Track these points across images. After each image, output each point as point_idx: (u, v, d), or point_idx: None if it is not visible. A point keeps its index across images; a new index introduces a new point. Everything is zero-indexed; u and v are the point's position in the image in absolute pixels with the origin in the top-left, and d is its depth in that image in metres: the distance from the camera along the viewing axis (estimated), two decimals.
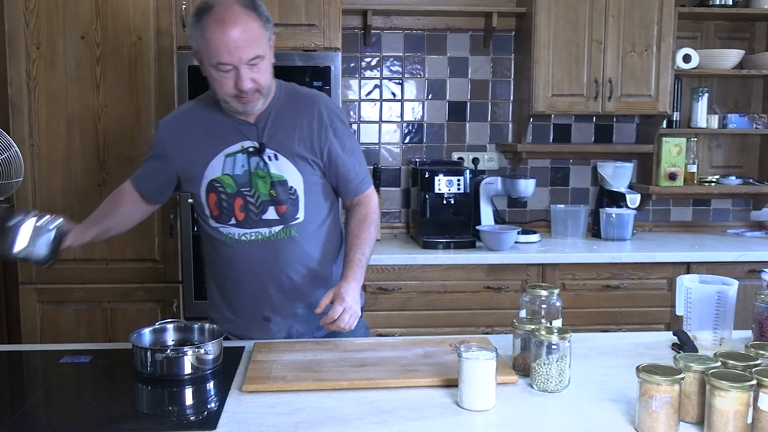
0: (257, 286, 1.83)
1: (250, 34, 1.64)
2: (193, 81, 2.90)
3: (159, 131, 1.88)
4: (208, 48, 1.64)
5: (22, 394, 1.54)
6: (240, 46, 1.62)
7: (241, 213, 1.79)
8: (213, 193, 1.79)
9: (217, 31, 1.62)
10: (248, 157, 1.78)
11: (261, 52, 1.66)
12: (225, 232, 1.81)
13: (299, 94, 1.86)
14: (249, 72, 1.66)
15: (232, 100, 1.71)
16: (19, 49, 2.82)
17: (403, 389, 1.48)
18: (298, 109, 1.81)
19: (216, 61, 1.64)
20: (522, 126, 3.49)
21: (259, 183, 1.77)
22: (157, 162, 1.87)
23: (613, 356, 1.72)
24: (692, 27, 3.63)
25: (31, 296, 2.93)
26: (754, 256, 3.19)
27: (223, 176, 1.78)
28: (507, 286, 3.10)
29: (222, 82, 1.68)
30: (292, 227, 1.81)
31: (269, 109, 1.79)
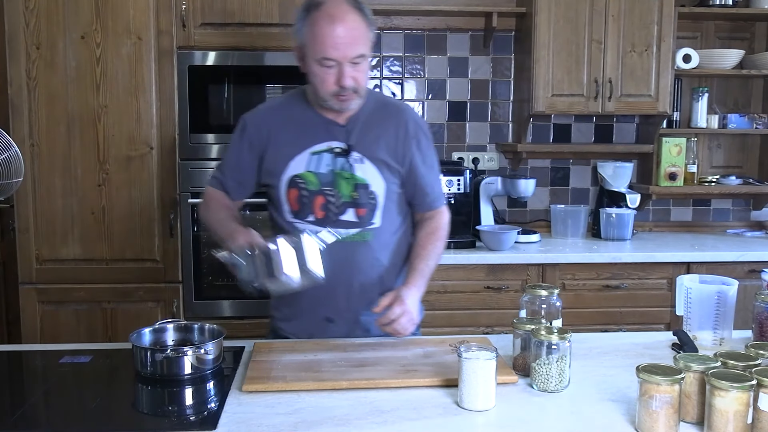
0: (325, 286, 1.79)
1: (357, 32, 1.67)
2: (193, 81, 2.90)
3: (248, 124, 1.86)
4: (315, 42, 1.66)
5: (22, 394, 1.54)
6: (347, 43, 1.65)
7: (321, 211, 1.80)
8: (294, 189, 1.80)
9: (326, 26, 1.65)
10: (334, 158, 1.80)
11: (365, 51, 1.69)
12: (301, 228, 1.80)
13: (388, 102, 1.92)
14: (351, 70, 1.68)
15: (331, 97, 1.72)
16: (19, 49, 2.82)
17: (403, 389, 1.48)
18: (386, 117, 1.85)
19: (321, 56, 1.66)
20: (522, 126, 3.49)
21: (343, 184, 1.79)
22: (241, 157, 1.86)
23: (613, 356, 1.72)
24: (692, 27, 3.63)
25: (31, 296, 2.94)
26: (754, 256, 3.19)
27: (306, 173, 1.80)
28: (507, 286, 3.10)
29: (324, 77, 1.69)
30: (367, 232, 1.82)
31: (359, 114, 1.82)
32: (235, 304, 3.02)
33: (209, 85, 2.93)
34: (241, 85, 2.95)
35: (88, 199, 2.92)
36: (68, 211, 2.92)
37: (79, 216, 2.92)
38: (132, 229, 2.95)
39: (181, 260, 2.98)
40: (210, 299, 3.02)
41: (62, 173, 2.90)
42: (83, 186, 2.91)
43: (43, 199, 2.90)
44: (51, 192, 2.90)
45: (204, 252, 2.99)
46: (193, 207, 2.95)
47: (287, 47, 2.94)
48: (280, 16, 2.94)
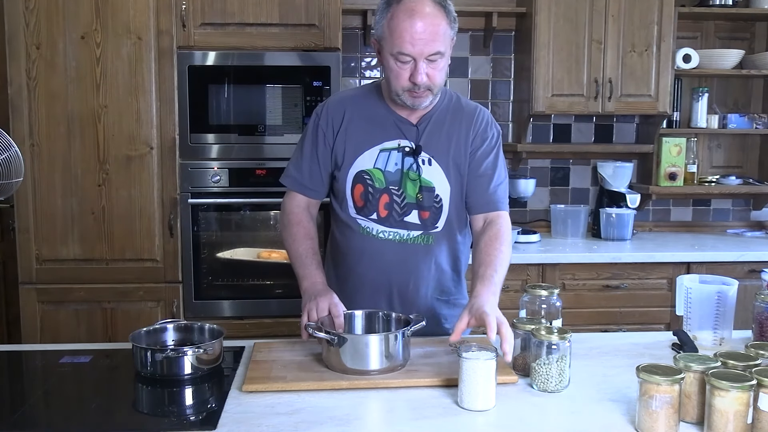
0: (381, 285, 1.80)
1: (436, 29, 1.63)
2: (193, 81, 2.90)
3: (321, 116, 1.82)
4: (393, 36, 1.64)
5: (22, 394, 1.54)
6: (424, 39, 1.62)
7: (385, 210, 1.78)
8: (360, 184, 1.78)
9: (405, 20, 1.62)
10: (403, 156, 1.77)
11: (442, 49, 1.66)
12: (364, 224, 1.80)
13: (464, 104, 1.87)
14: (426, 67, 1.65)
15: (404, 93, 1.70)
16: (19, 49, 2.82)
17: (403, 389, 1.48)
18: (459, 119, 1.82)
19: (397, 50, 1.64)
20: (522, 126, 3.49)
21: (409, 184, 1.77)
22: (319, 149, 1.82)
23: (613, 356, 1.72)
24: (692, 27, 3.63)
25: (31, 296, 2.93)
26: (754, 256, 3.19)
27: (374, 169, 1.78)
28: (507, 286, 3.07)
29: (398, 72, 1.67)
30: (430, 235, 1.80)
31: (431, 113, 1.79)
32: (235, 304, 3.02)
33: (209, 85, 2.93)
34: (241, 85, 2.95)
35: (88, 199, 2.92)
36: (68, 211, 2.92)
37: (79, 216, 2.92)
38: (132, 229, 2.94)
39: (181, 260, 2.98)
40: (210, 299, 3.02)
41: (62, 173, 2.90)
42: (83, 186, 2.91)
43: (43, 199, 2.90)
44: (51, 192, 2.90)
45: (204, 252, 2.99)
46: (193, 207, 2.96)
47: (287, 47, 2.95)
48: (280, 16, 2.94)
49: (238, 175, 2.96)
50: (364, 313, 1.73)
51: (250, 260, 3.03)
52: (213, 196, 2.98)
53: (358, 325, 1.72)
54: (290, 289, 3.01)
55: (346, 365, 1.52)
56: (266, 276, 3.05)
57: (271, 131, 2.95)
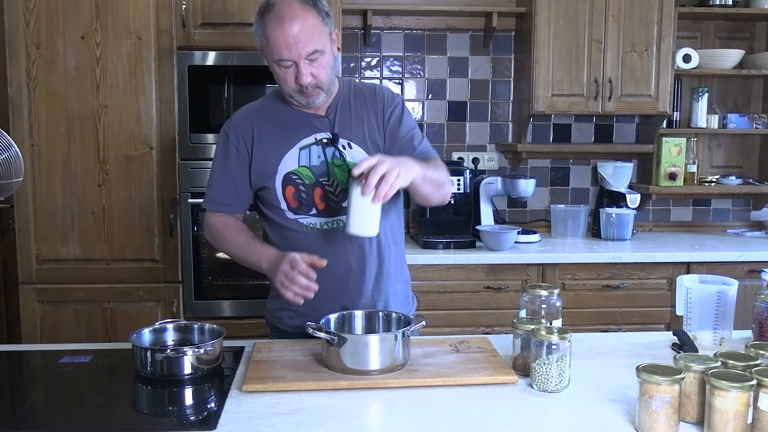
0: (339, 275, 1.82)
1: (309, 29, 1.67)
2: (193, 81, 2.90)
3: (230, 133, 1.85)
4: (269, 45, 1.69)
5: (22, 394, 1.54)
6: (299, 42, 1.66)
7: (322, 202, 1.81)
8: (290, 186, 1.81)
9: (276, 28, 1.67)
10: (323, 148, 1.81)
11: (320, 47, 1.69)
12: (306, 222, 1.82)
13: (362, 85, 1.93)
14: (308, 67, 1.70)
15: (296, 94, 1.75)
16: (19, 49, 2.82)
17: (404, 389, 1.48)
18: (362, 99, 1.87)
19: (277, 57, 1.69)
20: (522, 126, 3.49)
21: (338, 172, 1.80)
22: (231, 167, 1.84)
23: (613, 356, 1.72)
24: (692, 27, 3.63)
25: (31, 296, 2.94)
26: (754, 256, 3.19)
27: (300, 168, 1.80)
28: (507, 286, 3.10)
29: (284, 77, 1.73)
30: None
31: (336, 101, 1.84)
32: (235, 304, 3.02)
33: (209, 85, 2.93)
34: (241, 85, 2.95)
35: (88, 199, 2.92)
36: (68, 211, 2.92)
37: (79, 216, 2.92)
38: (132, 229, 2.95)
39: (181, 260, 2.98)
40: (210, 299, 3.02)
41: (62, 173, 2.90)
42: (83, 186, 2.91)
43: (43, 199, 2.90)
44: (51, 192, 2.90)
45: (204, 252, 2.99)
46: (193, 207, 2.96)
47: None
48: None
49: None
50: (364, 313, 1.73)
51: None
52: None
53: (358, 325, 1.72)
54: None
55: (346, 365, 1.52)
56: (266, 276, 3.03)
57: None
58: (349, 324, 1.71)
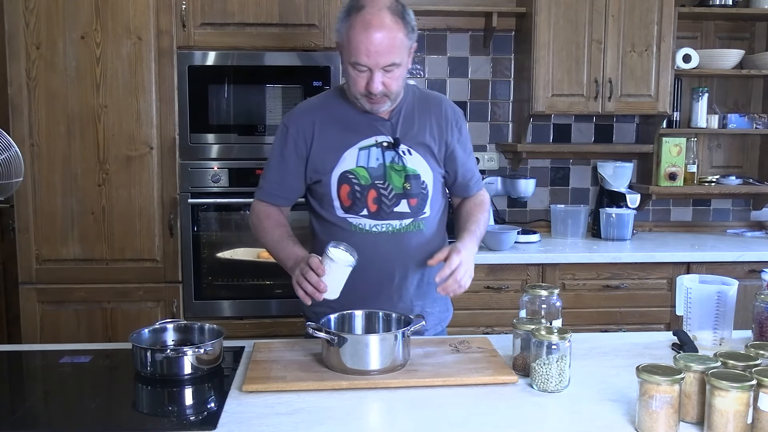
0: (382, 277, 1.83)
1: (392, 41, 1.67)
2: (193, 81, 2.90)
3: (290, 127, 1.86)
4: (350, 46, 1.68)
5: (22, 394, 1.54)
6: (379, 51, 1.66)
7: (374, 205, 1.81)
8: (346, 184, 1.81)
9: (361, 32, 1.66)
10: (383, 151, 1.81)
11: (398, 60, 1.70)
12: (355, 222, 1.83)
13: (427, 94, 1.96)
14: (382, 76, 1.70)
15: (362, 98, 1.75)
16: (19, 49, 2.82)
17: (403, 389, 1.48)
18: (427, 107, 1.88)
19: (354, 60, 1.69)
20: (522, 126, 3.49)
21: (394, 176, 1.82)
22: (288, 160, 1.85)
23: (613, 356, 1.72)
24: (692, 27, 3.63)
25: (31, 296, 2.94)
26: (754, 256, 3.19)
27: (357, 168, 1.81)
28: (507, 286, 3.10)
29: (355, 80, 1.72)
30: (420, 221, 1.86)
31: (400, 106, 1.85)
32: (235, 304, 3.03)
33: (209, 85, 2.93)
34: (241, 85, 2.95)
35: (88, 199, 2.92)
36: (68, 211, 2.92)
37: (79, 216, 2.92)
38: (132, 229, 2.95)
39: (181, 260, 2.98)
40: (210, 299, 3.02)
41: (62, 173, 2.90)
42: (83, 186, 2.91)
43: (43, 199, 2.90)
44: (51, 192, 2.90)
45: (204, 252, 2.99)
46: (193, 207, 2.96)
47: (287, 47, 2.95)
48: (280, 16, 2.94)
49: (238, 175, 2.96)
50: (364, 313, 1.73)
51: (250, 260, 3.03)
52: (213, 196, 2.98)
53: (358, 325, 1.72)
54: (290, 289, 3.00)
55: (346, 365, 1.52)
56: (266, 276, 3.05)
57: (271, 131, 2.94)
58: (349, 324, 1.71)
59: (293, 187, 1.88)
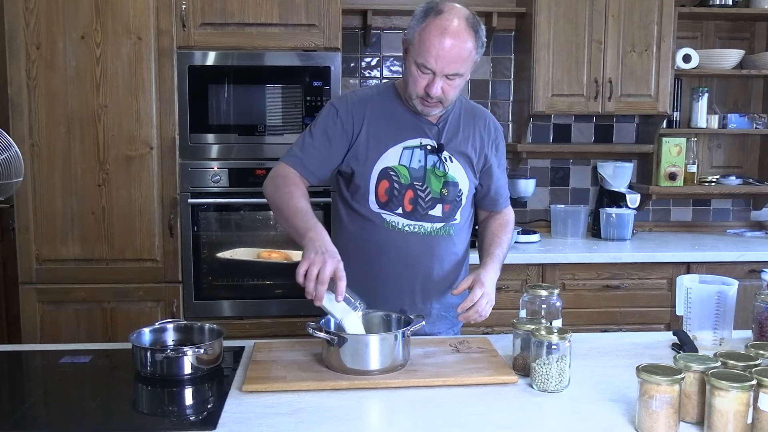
0: (406, 277, 1.86)
1: (462, 52, 1.69)
2: (193, 81, 2.90)
3: (339, 108, 1.84)
4: (420, 46, 1.69)
5: (22, 394, 1.54)
6: (448, 58, 1.68)
7: (410, 205, 1.83)
8: (385, 180, 1.82)
9: (436, 35, 1.67)
10: (426, 154, 1.84)
11: (463, 71, 1.73)
12: (388, 219, 1.84)
13: (474, 106, 1.99)
14: (443, 83, 1.72)
15: (416, 99, 1.77)
16: (19, 49, 2.82)
17: (403, 389, 1.48)
18: (473, 119, 1.93)
19: (421, 60, 1.70)
20: (522, 126, 3.49)
21: (433, 180, 1.84)
22: (333, 139, 1.82)
23: (613, 356, 1.72)
24: (692, 27, 3.63)
25: (31, 296, 2.93)
26: (754, 256, 3.19)
27: (399, 166, 1.83)
28: (507, 286, 3.09)
29: (416, 80, 1.73)
30: (450, 226, 1.89)
31: (447, 113, 1.88)
32: (235, 304, 3.02)
33: (209, 85, 2.93)
34: (241, 85, 2.95)
35: (88, 199, 2.92)
36: (68, 211, 2.92)
37: (79, 216, 2.92)
38: (132, 229, 2.94)
39: (181, 260, 2.98)
40: (210, 299, 3.02)
41: (62, 173, 2.90)
42: (83, 186, 2.91)
43: (43, 199, 2.90)
44: (51, 192, 2.90)
45: (204, 252, 2.99)
46: (193, 207, 2.96)
47: (287, 47, 2.95)
48: (280, 16, 2.94)
49: (238, 175, 2.96)
50: (363, 314, 1.73)
51: (250, 260, 3.03)
52: (213, 196, 2.98)
53: None
54: (290, 289, 3.01)
55: (346, 365, 1.52)
56: (266, 276, 3.05)
57: (271, 131, 2.95)
58: None
59: (326, 165, 1.85)
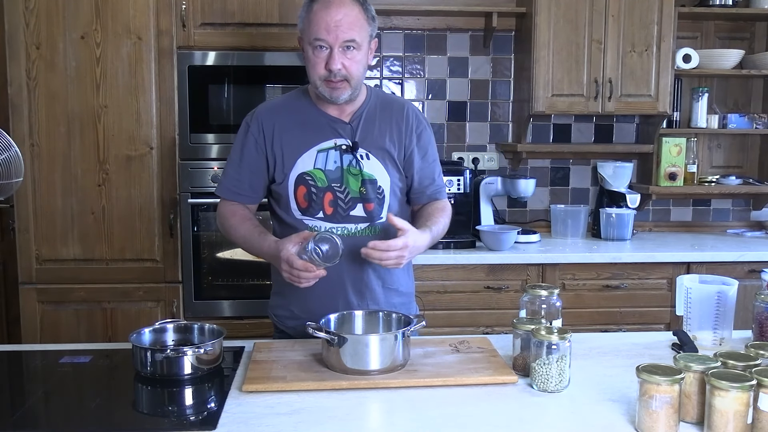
0: (337, 281, 1.84)
1: (352, 19, 1.73)
2: (193, 81, 2.90)
3: (251, 125, 1.88)
4: (310, 26, 1.74)
5: (22, 394, 1.54)
6: (339, 27, 1.71)
7: (330, 207, 1.83)
8: (302, 186, 1.83)
9: (321, 11, 1.73)
10: (341, 154, 1.83)
11: (358, 38, 1.74)
12: (311, 224, 1.84)
13: (390, 99, 1.98)
14: (341, 56, 1.73)
15: (322, 83, 1.76)
16: (19, 49, 2.82)
17: (403, 389, 1.48)
18: (389, 112, 1.90)
19: (314, 37, 1.73)
20: (522, 126, 3.49)
21: (351, 180, 1.83)
22: (251, 156, 1.86)
23: (613, 356, 1.72)
24: (692, 27, 3.63)
25: (31, 296, 2.94)
26: (754, 256, 3.18)
27: (314, 170, 1.82)
28: (507, 286, 3.10)
29: (315, 61, 1.75)
30: (376, 226, 1.86)
31: (361, 110, 1.87)
32: (235, 304, 3.02)
33: (209, 85, 2.93)
34: (241, 85, 2.95)
35: (88, 199, 2.92)
36: (68, 211, 2.92)
37: (79, 216, 2.92)
38: (132, 229, 2.95)
39: (181, 260, 2.98)
40: (210, 299, 3.02)
41: (62, 173, 2.90)
42: (83, 186, 2.91)
43: (43, 199, 2.90)
44: (51, 192, 2.90)
45: (204, 252, 2.99)
46: (193, 207, 2.96)
47: (287, 47, 2.95)
48: (280, 16, 2.94)
49: None
50: (363, 313, 1.73)
51: (250, 260, 3.01)
52: (213, 196, 2.95)
53: (358, 325, 1.72)
54: None
55: (346, 365, 1.52)
56: (266, 276, 3.03)
57: None
58: (349, 324, 1.71)
59: (254, 185, 1.88)
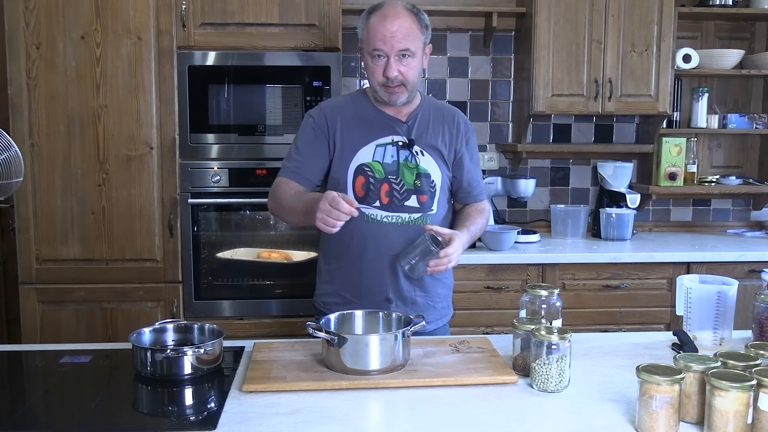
0: (389, 266, 1.95)
1: (407, 30, 1.87)
2: (193, 81, 2.90)
3: (315, 117, 2.00)
4: (368, 37, 1.89)
5: (22, 394, 1.54)
6: (395, 37, 1.86)
7: (386, 197, 1.96)
8: (361, 176, 1.96)
9: (378, 23, 1.87)
10: (397, 150, 1.97)
11: (412, 47, 1.88)
12: (368, 212, 1.95)
13: (442, 105, 2.15)
14: (398, 63, 1.88)
15: (381, 88, 1.92)
16: (19, 49, 2.82)
17: (403, 389, 1.48)
18: (441, 116, 2.06)
19: (372, 47, 1.88)
20: (522, 126, 3.49)
21: (406, 173, 1.96)
22: (315, 144, 1.98)
23: (613, 356, 1.72)
24: (692, 27, 3.63)
25: (31, 296, 2.94)
26: (754, 256, 3.18)
27: (373, 162, 1.96)
28: (507, 286, 3.10)
29: (374, 69, 1.90)
30: (428, 216, 1.99)
31: (417, 111, 2.02)
32: (235, 304, 3.02)
33: (209, 85, 2.93)
34: (241, 85, 2.95)
35: (88, 199, 2.92)
36: (68, 211, 2.92)
37: (79, 216, 2.92)
38: (132, 229, 2.95)
39: (181, 260, 2.98)
40: (210, 299, 3.02)
41: (62, 173, 2.90)
42: (83, 186, 2.91)
43: (43, 199, 2.90)
44: (51, 192, 2.90)
45: (204, 252, 2.99)
46: (193, 207, 2.96)
47: (287, 47, 2.95)
48: (280, 16, 2.94)
49: (238, 175, 2.96)
50: (364, 313, 1.74)
51: (250, 260, 3.03)
52: (213, 196, 2.98)
53: (358, 325, 1.72)
54: (290, 289, 3.02)
55: (346, 365, 1.53)
56: (266, 276, 3.05)
57: (271, 131, 2.95)
58: (349, 324, 1.71)
59: (317, 168, 1.99)
